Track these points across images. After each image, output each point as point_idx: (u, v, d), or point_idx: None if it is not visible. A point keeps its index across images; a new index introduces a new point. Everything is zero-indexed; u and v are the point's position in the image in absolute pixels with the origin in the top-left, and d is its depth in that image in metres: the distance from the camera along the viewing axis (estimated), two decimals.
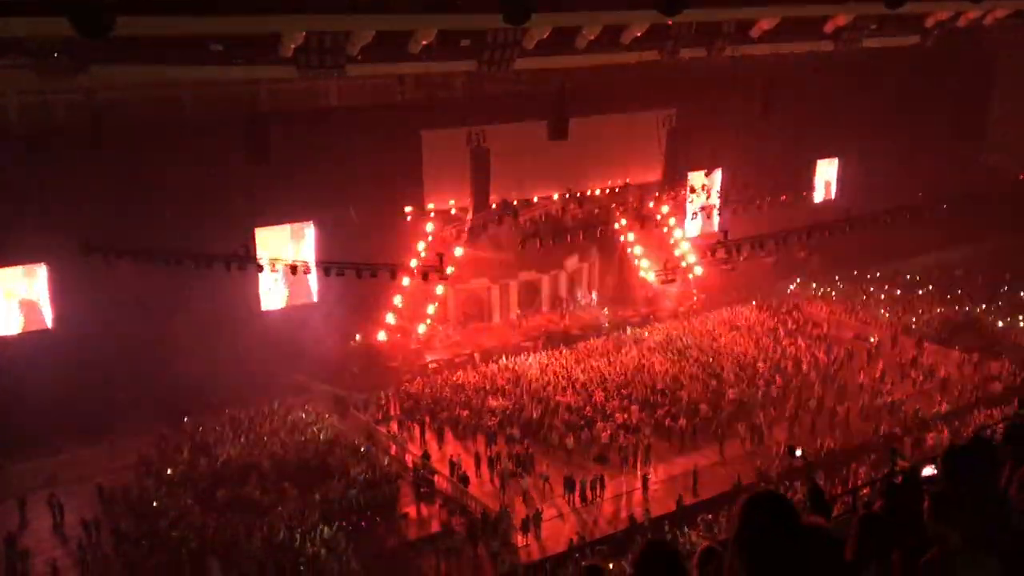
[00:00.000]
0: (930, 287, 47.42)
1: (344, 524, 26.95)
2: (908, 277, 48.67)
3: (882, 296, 46.97)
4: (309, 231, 38.13)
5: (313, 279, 36.67)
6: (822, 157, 51.11)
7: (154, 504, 27.89)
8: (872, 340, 41.05)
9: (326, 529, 26.16)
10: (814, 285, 48.26)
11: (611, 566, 22.19)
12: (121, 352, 31.65)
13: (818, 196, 51.22)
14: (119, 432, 31.72)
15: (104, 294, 31.68)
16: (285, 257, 33.90)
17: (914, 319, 43.51)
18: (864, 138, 47.01)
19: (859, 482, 25.88)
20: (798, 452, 27.79)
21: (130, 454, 30.99)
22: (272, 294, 37.66)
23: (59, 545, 26.98)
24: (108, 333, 31.71)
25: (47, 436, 30.40)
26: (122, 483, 29.46)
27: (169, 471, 30.09)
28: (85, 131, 27.26)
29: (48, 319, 33.75)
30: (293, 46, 20.69)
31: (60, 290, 33.22)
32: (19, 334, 33.26)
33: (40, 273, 33.45)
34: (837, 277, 48.53)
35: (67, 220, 30.10)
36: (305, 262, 33.25)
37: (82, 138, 27.86)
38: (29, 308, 33.63)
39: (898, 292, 47.08)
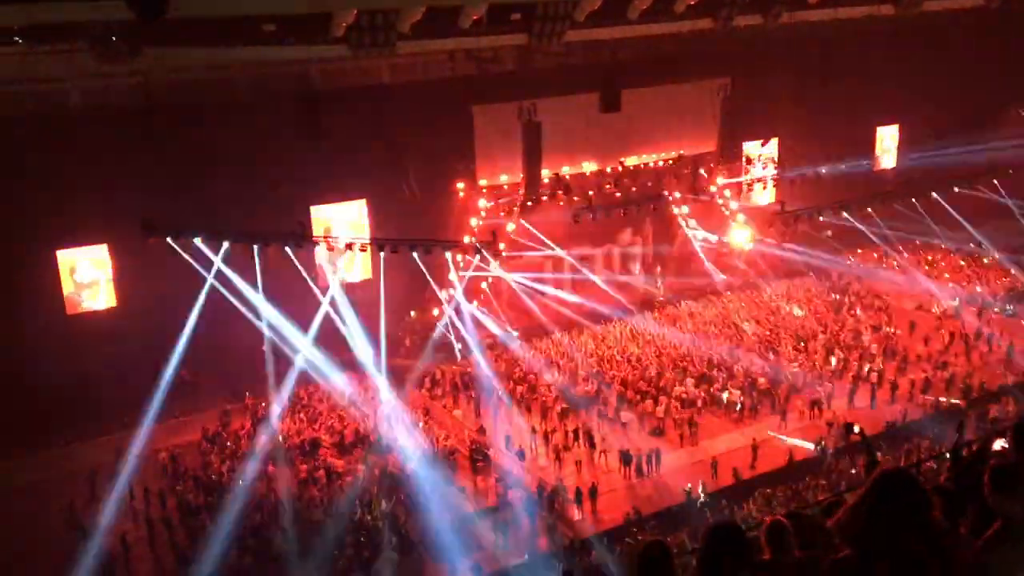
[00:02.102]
0: (995, 256, 46.12)
1: (403, 497, 27.33)
2: (972, 246, 47.39)
3: (943, 265, 45.89)
4: None
5: (368, 255, 37.00)
6: (882, 124, 49.86)
7: (217, 477, 28.56)
8: (936, 310, 40.16)
9: (384, 502, 26.55)
10: (875, 255, 47.30)
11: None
12: (182, 329, 32.37)
13: (878, 164, 50.05)
14: (183, 407, 32.60)
15: (165, 273, 32.36)
16: (349, 235, 34.28)
17: (978, 289, 42.40)
18: (926, 104, 45.69)
19: (921, 455, 25.39)
20: (856, 428, 27.31)
21: (194, 429, 31.75)
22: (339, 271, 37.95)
23: (128, 518, 27.78)
24: (169, 311, 32.43)
25: (114, 411, 31.33)
26: (188, 457, 30.22)
27: (231, 445, 30.78)
28: (143, 113, 27.81)
29: (113, 298, 34.57)
30: (344, 25, 20.81)
31: (123, 270, 34.01)
32: (88, 312, 34.08)
33: (104, 253, 34.22)
34: (900, 247, 47.48)
35: (127, 201, 30.76)
36: (361, 239, 33.57)
37: (140, 120, 28.43)
38: (99, 287, 34.42)
39: (961, 262, 45.89)
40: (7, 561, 24.40)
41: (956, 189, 40.17)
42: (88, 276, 34.30)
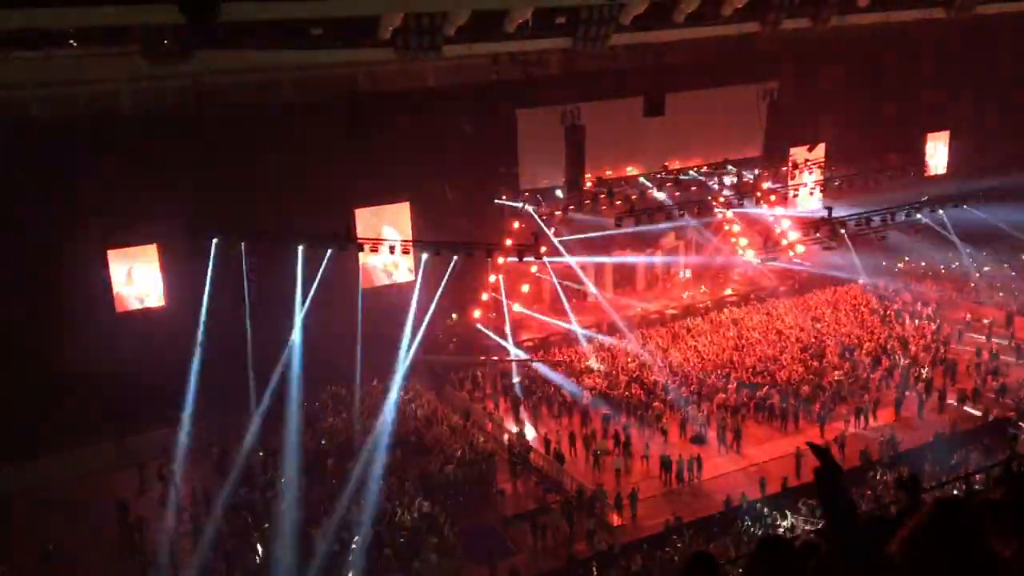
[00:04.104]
0: None
1: (442, 499, 27.42)
2: None
3: (996, 274, 44.91)
4: None
5: (410, 258, 37.16)
6: (932, 130, 48.94)
7: (262, 475, 28.90)
8: (985, 321, 39.36)
9: (425, 504, 26.66)
10: (923, 263, 46.45)
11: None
12: (228, 329, 32.77)
13: (928, 171, 49.09)
14: (228, 406, 32.98)
15: (212, 273, 32.77)
16: (391, 237, 34.51)
17: None
18: (977, 110, 44.76)
19: (970, 468, 24.89)
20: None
21: (239, 428, 32.10)
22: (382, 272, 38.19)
23: (174, 514, 28.21)
24: (216, 310, 32.85)
25: (162, 409, 31.85)
26: (232, 456, 30.60)
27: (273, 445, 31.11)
28: (192, 115, 28.25)
29: (161, 297, 35.03)
30: (391, 28, 20.93)
31: (171, 269, 34.49)
32: (137, 310, 34.56)
33: (153, 252, 34.68)
34: (949, 254, 46.57)
35: (176, 202, 31.20)
36: (404, 242, 33.73)
37: (189, 122, 28.88)
38: (148, 285, 34.88)
39: (1012, 273, 44.86)
40: (60, 553, 24.93)
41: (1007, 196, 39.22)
42: (138, 275, 34.76)
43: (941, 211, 36.00)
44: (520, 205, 38.64)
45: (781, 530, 23.93)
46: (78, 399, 29.93)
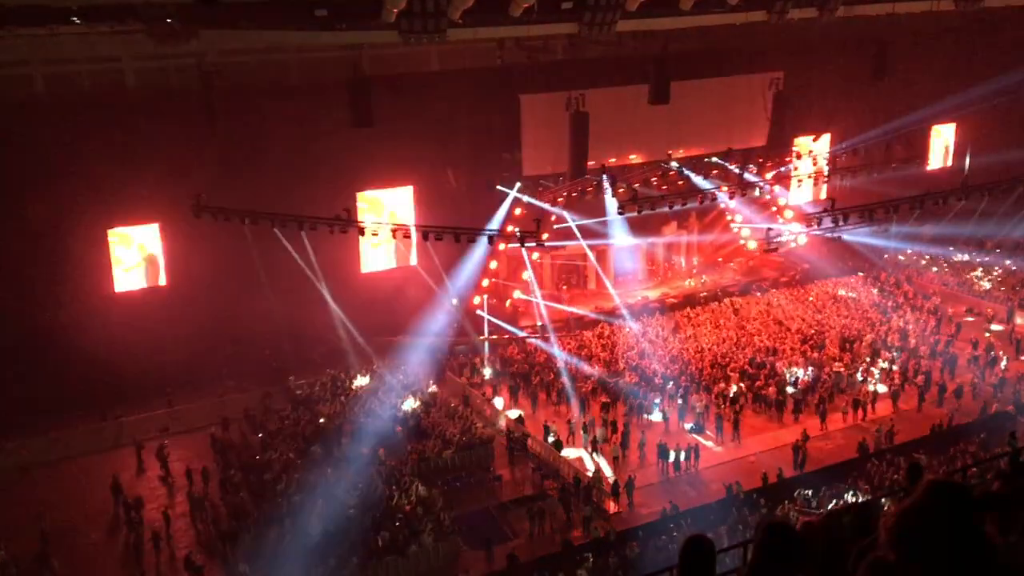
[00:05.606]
0: None
1: (439, 484, 27.49)
2: None
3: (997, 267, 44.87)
4: None
5: (414, 243, 37.21)
6: (938, 122, 48.76)
7: (258, 457, 28.96)
8: (985, 314, 39.34)
9: (422, 488, 26.72)
10: (927, 256, 46.40)
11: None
12: (229, 310, 32.78)
13: (933, 163, 48.97)
14: (227, 387, 33.09)
15: (214, 253, 32.77)
16: (391, 221, 34.53)
17: None
18: (984, 102, 44.54)
19: (968, 460, 24.91)
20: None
21: (237, 408, 32.17)
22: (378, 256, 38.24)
23: (171, 493, 28.31)
24: (217, 291, 32.85)
25: (162, 389, 31.92)
26: (229, 436, 30.68)
27: (273, 426, 31.19)
28: (196, 95, 28.17)
29: (163, 276, 34.98)
30: (396, 11, 20.85)
31: (173, 249, 34.45)
32: (138, 290, 34.50)
33: (155, 232, 34.62)
34: (951, 248, 46.48)
35: (179, 181, 31.15)
36: (405, 226, 33.66)
37: (193, 102, 28.81)
38: (152, 265, 34.86)
39: (1013, 268, 44.78)
40: (56, 530, 25.01)
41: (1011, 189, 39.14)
42: (139, 255, 34.75)
43: (943, 203, 35.79)
44: (523, 197, 38.57)
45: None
46: (76, 379, 30.00)
